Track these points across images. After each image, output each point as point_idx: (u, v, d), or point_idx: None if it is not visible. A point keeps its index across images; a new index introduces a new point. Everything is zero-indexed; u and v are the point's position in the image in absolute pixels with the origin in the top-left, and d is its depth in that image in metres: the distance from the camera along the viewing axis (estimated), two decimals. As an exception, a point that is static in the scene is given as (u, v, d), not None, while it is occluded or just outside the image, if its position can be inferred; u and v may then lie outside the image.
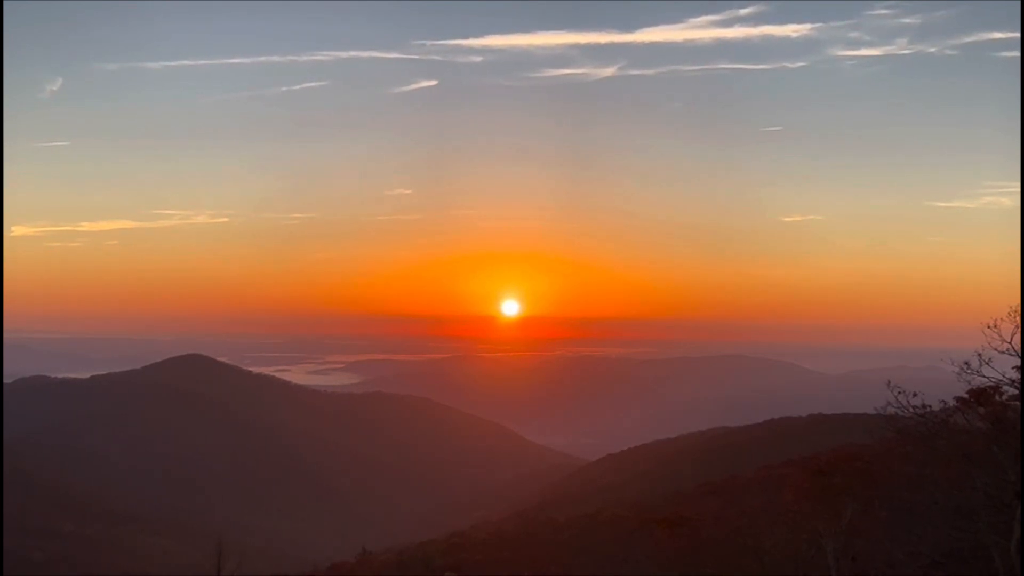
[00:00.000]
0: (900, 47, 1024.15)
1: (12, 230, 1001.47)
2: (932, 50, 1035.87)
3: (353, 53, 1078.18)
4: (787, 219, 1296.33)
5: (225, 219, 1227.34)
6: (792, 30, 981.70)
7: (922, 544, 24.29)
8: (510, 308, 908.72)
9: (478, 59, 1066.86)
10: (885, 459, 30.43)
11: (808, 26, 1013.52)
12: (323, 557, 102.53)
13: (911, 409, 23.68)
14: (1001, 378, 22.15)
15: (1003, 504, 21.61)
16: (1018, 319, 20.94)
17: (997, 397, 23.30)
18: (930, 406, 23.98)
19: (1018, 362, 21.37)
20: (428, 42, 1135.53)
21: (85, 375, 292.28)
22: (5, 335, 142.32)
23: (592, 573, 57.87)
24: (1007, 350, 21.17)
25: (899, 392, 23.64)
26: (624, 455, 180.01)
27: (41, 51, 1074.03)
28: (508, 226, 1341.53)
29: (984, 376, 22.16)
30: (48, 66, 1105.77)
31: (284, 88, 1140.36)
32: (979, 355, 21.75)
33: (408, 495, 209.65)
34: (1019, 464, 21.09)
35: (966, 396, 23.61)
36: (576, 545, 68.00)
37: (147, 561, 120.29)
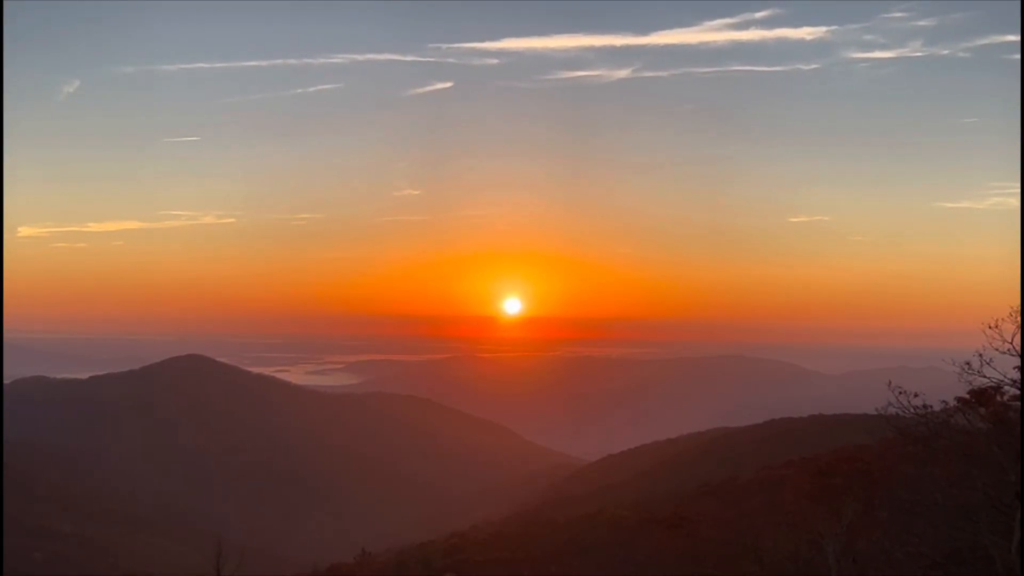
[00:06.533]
0: (914, 49, 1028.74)
1: (19, 231, 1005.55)
2: (945, 52, 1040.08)
3: (369, 56, 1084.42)
4: (794, 220, 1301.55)
5: (232, 219, 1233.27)
6: (807, 32, 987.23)
7: (922, 545, 24.24)
8: (512, 308, 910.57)
9: (494, 61, 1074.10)
10: (885, 459, 30.39)
11: (823, 29, 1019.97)
12: (323, 557, 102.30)
13: (912, 409, 23.63)
14: (1002, 378, 22.10)
15: (1003, 505, 21.56)
16: (1019, 320, 20.89)
17: (998, 397, 23.26)
18: (931, 406, 23.93)
19: (1019, 362, 21.32)
20: (444, 45, 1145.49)
21: (84, 375, 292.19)
22: (5, 335, 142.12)
23: (592, 574, 57.80)
24: (1008, 350, 21.13)
25: (900, 392, 23.59)
26: (624, 456, 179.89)
27: (59, 54, 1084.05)
28: (516, 227, 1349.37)
29: (985, 376, 22.10)
30: (65, 68, 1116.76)
31: (299, 90, 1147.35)
32: (980, 355, 21.70)
33: (408, 496, 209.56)
34: (1020, 465, 21.04)
35: (967, 396, 23.57)
36: (576, 546, 67.89)
37: (147, 562, 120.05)
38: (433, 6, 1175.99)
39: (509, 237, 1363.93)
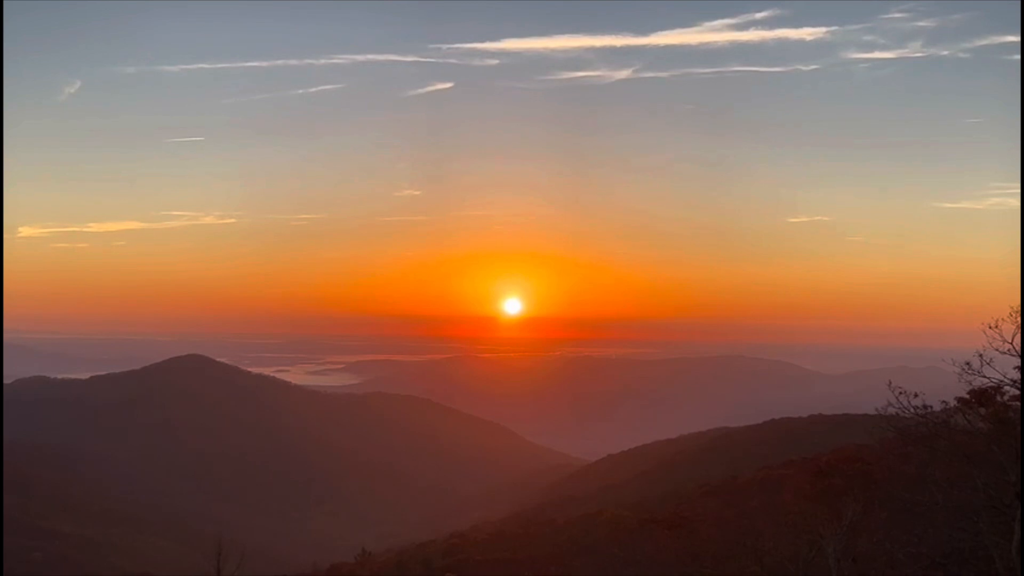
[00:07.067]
0: (914, 50, 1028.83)
1: (19, 231, 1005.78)
2: (945, 53, 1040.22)
3: (370, 56, 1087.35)
4: (794, 220, 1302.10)
5: (233, 220, 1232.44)
6: (807, 33, 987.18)
7: (922, 545, 24.21)
8: (512, 308, 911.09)
9: (494, 62, 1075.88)
10: (885, 459, 30.40)
11: (823, 29, 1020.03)
12: (323, 557, 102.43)
13: (912, 409, 23.60)
14: (1002, 379, 22.07)
15: (1003, 505, 21.55)
16: (1019, 320, 20.86)
17: (998, 397, 23.25)
18: (931, 406, 23.90)
19: (1019, 362, 21.30)
20: (444, 45, 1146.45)
21: (85, 376, 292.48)
22: (5, 335, 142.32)
23: (592, 574, 57.76)
24: (1008, 351, 21.09)
25: (900, 392, 23.55)
26: (624, 456, 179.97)
27: (60, 54, 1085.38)
28: (516, 227, 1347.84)
29: (985, 377, 22.06)
30: (67, 68, 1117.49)
31: (300, 91, 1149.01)
32: (980, 356, 21.66)
33: (408, 495, 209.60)
34: (1019, 465, 21.04)
35: (967, 396, 23.56)
36: (576, 545, 67.87)
37: (147, 561, 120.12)
38: (433, 6, 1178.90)
39: (509, 237, 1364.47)
